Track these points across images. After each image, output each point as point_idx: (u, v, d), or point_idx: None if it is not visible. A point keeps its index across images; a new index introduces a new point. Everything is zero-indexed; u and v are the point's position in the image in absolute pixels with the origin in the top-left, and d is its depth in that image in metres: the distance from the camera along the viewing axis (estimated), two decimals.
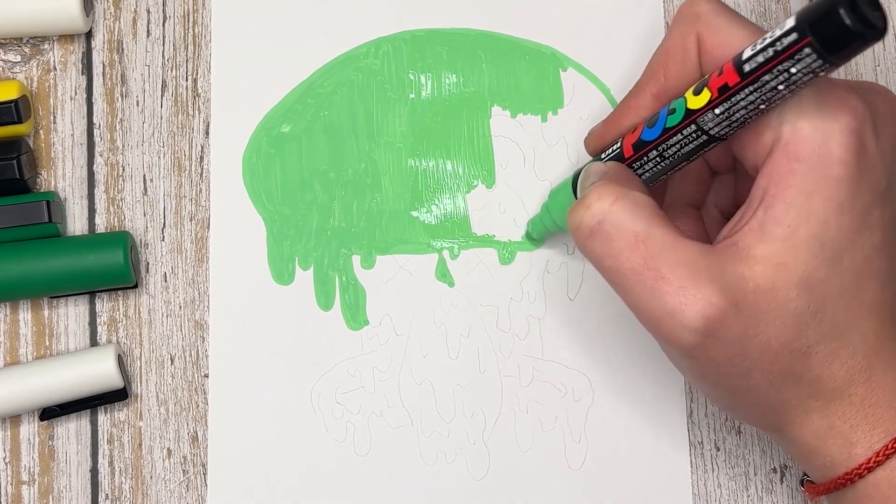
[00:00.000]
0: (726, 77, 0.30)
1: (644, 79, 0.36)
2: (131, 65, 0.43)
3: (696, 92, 0.32)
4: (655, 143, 0.34)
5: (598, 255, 0.32)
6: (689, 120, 0.32)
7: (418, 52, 0.43)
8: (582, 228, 0.33)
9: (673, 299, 0.31)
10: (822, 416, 0.32)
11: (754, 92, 0.30)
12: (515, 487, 0.41)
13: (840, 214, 0.31)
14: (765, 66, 0.29)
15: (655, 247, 0.31)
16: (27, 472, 0.41)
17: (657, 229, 0.31)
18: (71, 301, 0.42)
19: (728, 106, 0.31)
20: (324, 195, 0.42)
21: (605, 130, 0.37)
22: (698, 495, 0.41)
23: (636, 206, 0.32)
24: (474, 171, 0.43)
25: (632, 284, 0.31)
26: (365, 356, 0.42)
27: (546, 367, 0.42)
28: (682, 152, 0.33)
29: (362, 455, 0.41)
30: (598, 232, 0.32)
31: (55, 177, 0.42)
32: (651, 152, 0.34)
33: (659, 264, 0.31)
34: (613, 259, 0.32)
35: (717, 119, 0.31)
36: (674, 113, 0.33)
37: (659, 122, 0.33)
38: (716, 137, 0.32)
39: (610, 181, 0.33)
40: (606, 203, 0.32)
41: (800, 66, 0.28)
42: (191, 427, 0.41)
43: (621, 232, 0.32)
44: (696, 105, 0.32)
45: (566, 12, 0.43)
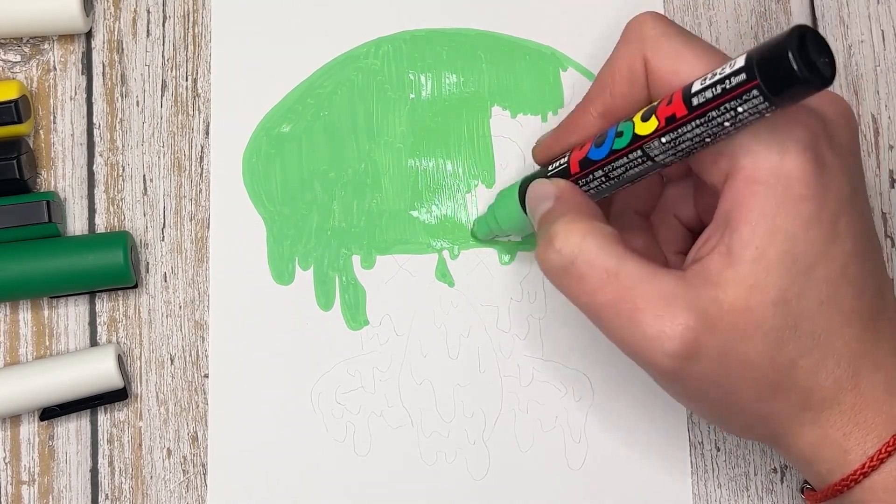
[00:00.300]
0: (674, 108, 0.31)
1: (591, 96, 0.36)
2: (131, 65, 0.43)
3: (645, 118, 0.32)
4: (601, 163, 0.34)
5: (573, 294, 0.33)
6: (635, 145, 0.32)
7: (418, 52, 0.43)
8: (553, 269, 0.33)
9: (650, 328, 0.31)
10: (814, 426, 0.33)
11: (701, 126, 0.30)
12: (515, 487, 0.41)
13: (807, 229, 0.31)
14: (712, 103, 0.29)
15: (628, 280, 0.32)
16: (27, 472, 0.41)
17: (628, 263, 0.32)
18: (71, 301, 0.42)
19: (674, 136, 0.31)
20: (324, 195, 0.42)
21: (553, 143, 0.37)
22: (698, 495, 0.41)
23: (604, 241, 0.32)
24: (474, 171, 0.43)
25: (609, 318, 0.32)
26: (365, 356, 0.42)
27: (546, 367, 0.42)
28: (626, 174, 0.33)
29: (362, 455, 0.41)
30: (570, 271, 0.33)
31: (55, 177, 0.42)
32: (597, 171, 0.34)
33: (633, 297, 0.31)
34: (588, 296, 0.32)
35: (663, 147, 0.31)
36: (621, 136, 0.33)
37: (606, 142, 0.33)
38: (660, 164, 0.32)
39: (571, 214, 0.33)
40: (575, 241, 0.32)
41: (746, 105, 0.28)
42: (191, 427, 0.41)
43: (593, 270, 0.32)
44: (643, 131, 0.32)
45: (566, 12, 0.43)
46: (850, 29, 0.44)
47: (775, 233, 0.31)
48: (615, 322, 0.32)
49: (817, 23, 0.44)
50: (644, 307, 0.31)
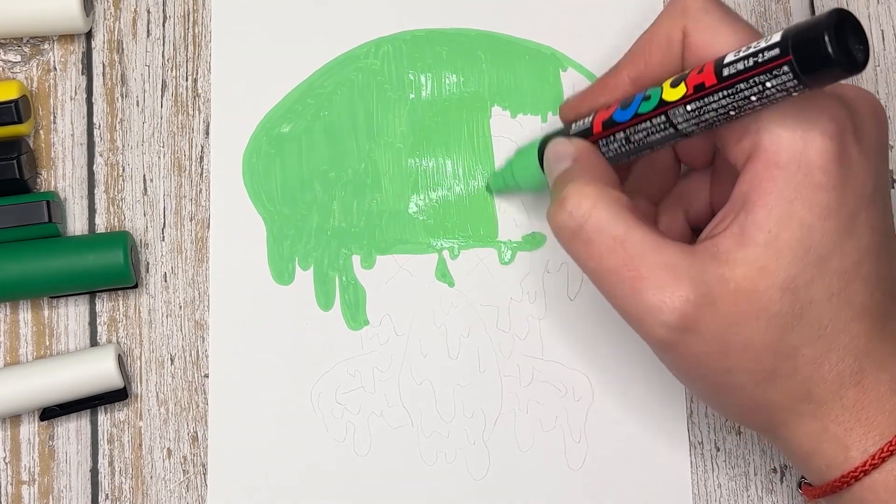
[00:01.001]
0: (705, 76, 0.31)
1: (624, 61, 0.36)
2: (131, 65, 0.43)
3: (674, 84, 0.32)
4: (624, 125, 0.34)
5: (580, 257, 0.33)
6: (660, 110, 0.32)
7: (418, 52, 0.43)
8: (564, 231, 0.33)
9: (651, 297, 0.31)
10: (814, 418, 0.33)
11: (727, 97, 0.30)
12: (515, 487, 0.41)
13: (825, 219, 0.31)
14: (742, 75, 0.29)
15: (634, 248, 0.32)
16: (27, 472, 0.41)
17: (636, 231, 0.32)
18: (71, 301, 0.42)
19: (699, 105, 0.31)
20: (324, 195, 0.42)
21: (580, 103, 0.37)
22: (698, 495, 0.41)
23: (615, 208, 0.33)
24: (474, 171, 0.43)
25: (612, 285, 0.32)
26: (365, 356, 0.42)
27: (546, 367, 0.42)
28: (647, 140, 0.34)
29: (362, 455, 0.41)
30: (579, 235, 0.33)
31: (55, 177, 0.42)
32: (618, 133, 0.34)
33: (638, 265, 0.32)
34: (595, 261, 0.33)
35: (686, 115, 0.32)
36: (648, 100, 0.33)
37: (632, 105, 0.34)
38: (682, 133, 0.33)
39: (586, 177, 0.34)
40: (586, 206, 0.33)
41: (775, 82, 0.29)
42: (191, 427, 0.41)
43: (602, 235, 0.32)
44: (670, 97, 0.32)
45: (566, 12, 0.43)
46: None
47: (790, 219, 0.31)
48: (618, 289, 0.32)
49: None
50: (647, 276, 0.31)
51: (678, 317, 0.31)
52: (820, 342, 0.32)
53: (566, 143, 0.36)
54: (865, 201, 0.32)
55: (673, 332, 0.31)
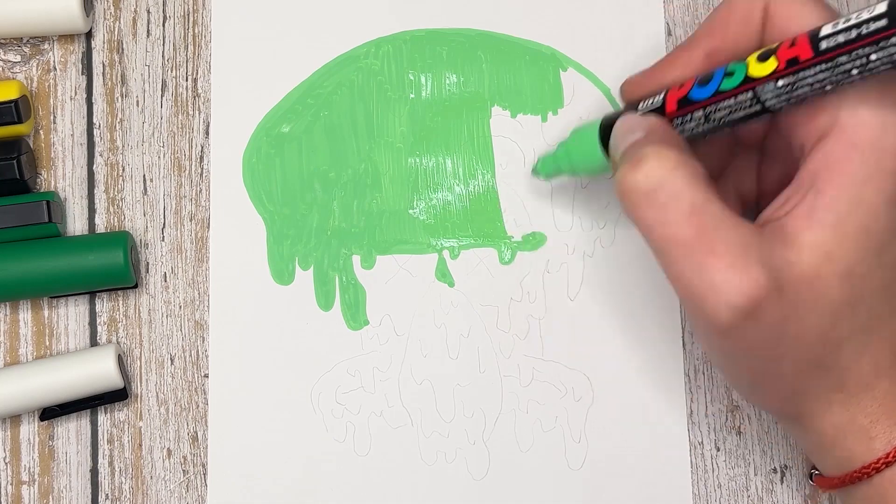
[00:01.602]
0: (798, 50, 0.30)
1: (700, 34, 0.34)
2: (131, 65, 0.43)
3: (762, 59, 0.31)
4: (704, 103, 0.32)
5: (649, 223, 0.31)
6: (747, 86, 0.31)
7: (418, 52, 0.43)
8: (636, 192, 0.31)
9: (720, 275, 0.30)
10: (843, 408, 0.32)
11: (825, 71, 0.29)
12: (515, 487, 0.41)
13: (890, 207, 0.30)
14: (844, 48, 0.28)
15: (710, 221, 0.30)
16: (27, 472, 0.41)
17: (713, 203, 0.30)
18: (71, 301, 0.42)
19: (793, 80, 0.30)
20: (324, 195, 0.42)
21: (647, 79, 0.36)
22: (698, 495, 0.41)
23: (695, 176, 0.31)
24: (474, 171, 0.43)
25: (680, 255, 0.30)
26: (365, 356, 0.42)
27: (546, 367, 0.42)
28: (729, 118, 0.32)
29: (362, 455, 0.41)
30: (653, 199, 0.31)
31: (55, 177, 0.42)
32: (696, 112, 0.33)
33: (712, 238, 0.30)
34: (666, 227, 0.31)
35: (777, 91, 0.30)
36: (731, 76, 0.32)
37: (713, 82, 0.32)
38: (769, 109, 0.31)
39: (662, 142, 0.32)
40: (666, 169, 0.31)
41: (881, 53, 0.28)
42: (191, 427, 0.41)
43: (678, 201, 0.30)
44: (758, 73, 0.31)
45: (566, 12, 0.43)
46: None
47: (860, 203, 0.30)
48: (685, 261, 0.30)
49: None
50: (720, 252, 0.30)
51: (746, 301, 0.30)
52: (864, 334, 0.31)
53: (638, 118, 0.34)
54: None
55: (737, 316, 0.30)
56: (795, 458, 0.42)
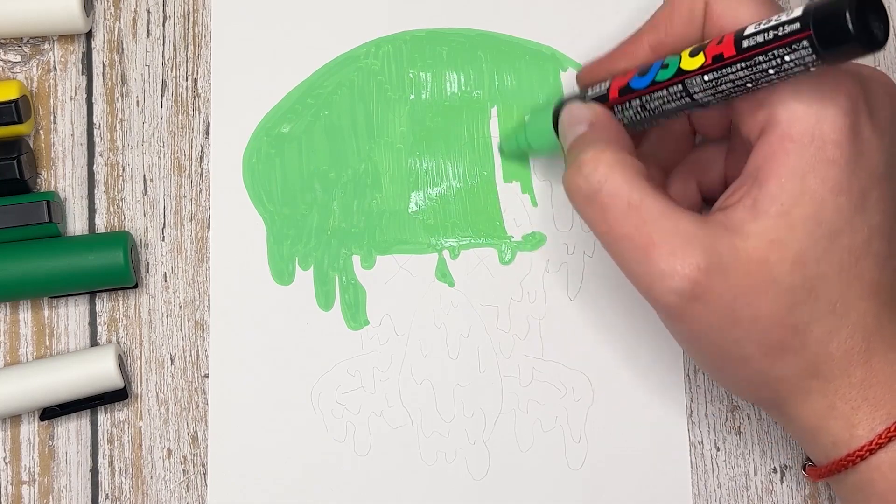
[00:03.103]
0: (724, 47, 0.31)
1: (645, 28, 0.36)
2: (131, 65, 0.43)
3: (693, 54, 0.32)
4: (640, 92, 0.34)
5: (593, 221, 0.33)
6: (677, 79, 0.33)
7: (418, 52, 0.43)
8: (578, 194, 0.34)
9: (663, 263, 0.31)
10: (822, 395, 0.33)
11: (745, 69, 0.30)
12: (515, 487, 0.41)
13: (837, 195, 0.31)
14: (761, 48, 0.29)
15: (648, 214, 0.32)
16: (27, 472, 0.41)
17: (651, 198, 0.32)
18: (71, 301, 0.42)
19: (717, 76, 0.31)
20: (324, 195, 0.42)
21: (598, 67, 0.37)
22: (698, 495, 0.41)
23: (631, 174, 0.33)
24: (474, 171, 0.43)
25: (624, 250, 0.33)
26: (365, 356, 0.42)
27: (546, 367, 0.42)
28: (662, 108, 0.34)
29: (362, 455, 0.41)
30: (594, 199, 0.33)
31: (55, 177, 0.42)
32: (634, 101, 0.34)
33: (651, 231, 0.32)
34: (608, 226, 0.33)
35: (703, 85, 0.32)
36: (666, 68, 0.33)
37: (650, 73, 0.34)
38: (698, 102, 0.33)
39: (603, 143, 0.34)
40: (603, 171, 0.33)
41: (794, 56, 0.29)
42: (191, 427, 0.41)
43: (616, 200, 0.33)
44: (688, 66, 0.32)
45: (566, 12, 0.43)
46: None
47: (803, 193, 0.31)
48: (630, 254, 0.32)
49: None
50: (660, 242, 0.32)
51: (689, 283, 0.31)
52: (829, 318, 0.32)
53: (582, 108, 0.36)
54: (877, 180, 0.32)
55: (683, 300, 0.32)
56: (795, 458, 0.42)
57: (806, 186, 0.31)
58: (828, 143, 0.31)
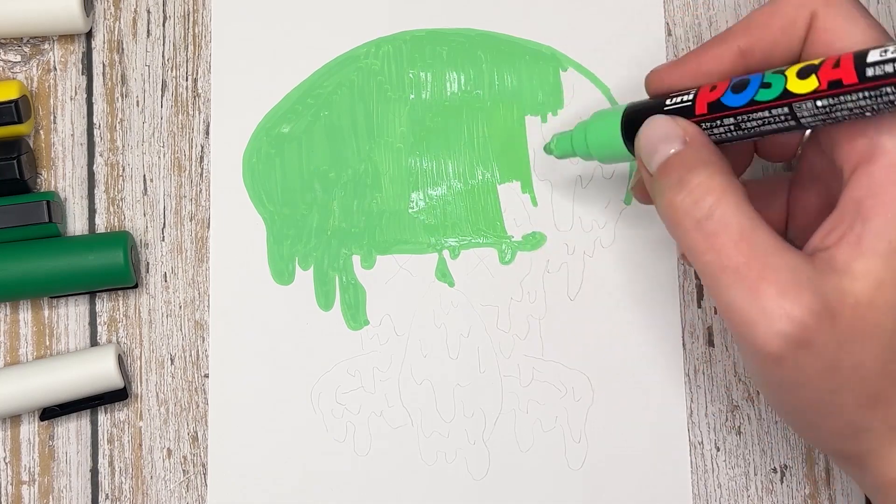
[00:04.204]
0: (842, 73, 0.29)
1: (737, 29, 0.33)
2: (131, 65, 0.43)
3: (801, 75, 0.30)
4: (737, 111, 0.32)
5: (699, 249, 0.31)
6: (784, 101, 0.30)
7: (418, 52, 0.43)
8: (686, 220, 0.31)
9: (771, 302, 0.29)
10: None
11: (868, 98, 0.28)
12: (515, 487, 0.41)
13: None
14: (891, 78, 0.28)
15: (760, 247, 0.30)
16: (27, 472, 0.41)
17: (763, 229, 0.30)
18: (71, 301, 0.42)
19: (833, 102, 0.29)
20: (324, 195, 0.42)
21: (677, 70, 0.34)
22: (698, 495, 0.41)
23: (742, 200, 0.30)
24: (474, 171, 0.43)
25: (728, 283, 0.30)
26: (365, 356, 0.42)
27: (546, 367, 0.42)
28: (761, 129, 0.31)
29: (362, 455, 0.41)
30: (703, 226, 0.30)
31: (55, 177, 0.42)
32: (727, 119, 0.32)
33: (762, 265, 0.29)
34: (714, 254, 0.30)
35: (815, 111, 0.30)
36: (768, 87, 0.31)
37: (747, 91, 0.31)
38: (803, 126, 0.31)
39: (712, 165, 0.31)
40: (715, 196, 0.30)
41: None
42: (191, 427, 0.41)
43: (728, 229, 0.30)
44: (797, 89, 0.30)
45: (566, 12, 0.43)
46: None
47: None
48: (734, 287, 0.30)
49: None
50: (771, 279, 0.29)
51: (798, 328, 0.29)
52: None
53: (671, 123, 0.33)
54: None
55: (787, 344, 0.29)
56: (795, 458, 0.42)
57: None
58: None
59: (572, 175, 0.42)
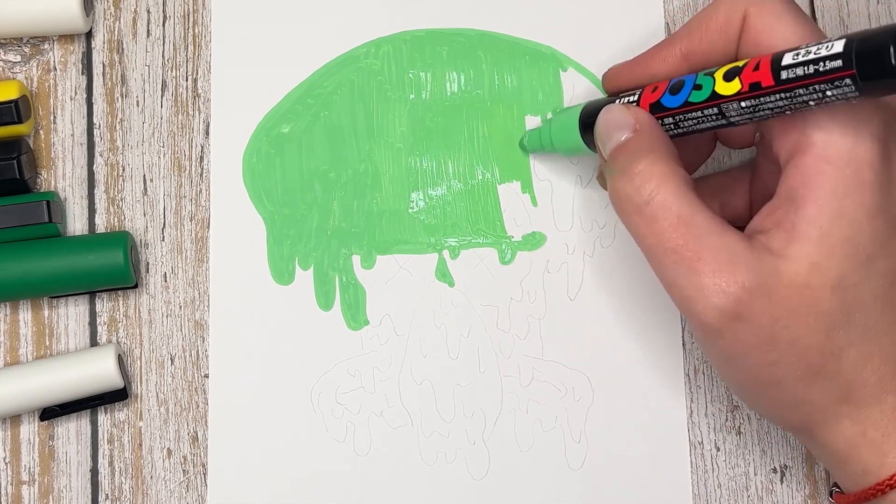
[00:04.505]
0: (761, 76, 0.30)
1: (680, 34, 0.35)
2: (131, 65, 0.43)
3: (727, 78, 0.32)
4: (674, 111, 0.34)
5: (641, 233, 0.33)
6: (713, 102, 0.32)
7: (418, 52, 0.43)
8: (628, 205, 0.33)
9: (707, 279, 0.31)
10: (853, 422, 0.32)
11: (784, 99, 0.30)
12: (515, 487, 0.41)
13: (872, 219, 0.31)
14: (802, 80, 0.29)
15: (698, 230, 0.32)
16: (27, 472, 0.41)
17: (701, 212, 0.32)
18: (71, 301, 0.42)
19: (755, 103, 0.31)
20: (324, 195, 0.42)
21: (627, 70, 0.37)
22: (698, 495, 0.41)
23: (682, 186, 0.33)
24: (474, 171, 0.43)
25: (669, 263, 0.32)
26: (365, 356, 0.42)
27: (546, 367, 0.42)
28: (697, 127, 0.34)
29: (362, 455, 0.41)
30: (643, 211, 0.33)
31: (55, 177, 0.42)
32: (667, 118, 0.34)
33: (700, 247, 0.31)
34: (655, 238, 0.32)
35: (740, 110, 0.32)
36: (699, 89, 0.33)
37: (682, 92, 0.33)
38: (734, 124, 0.32)
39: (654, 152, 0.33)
40: (655, 183, 0.33)
41: (836, 91, 0.29)
42: (191, 427, 0.41)
43: (667, 213, 0.32)
44: (724, 91, 0.32)
45: (566, 12, 0.43)
46: (850, 29, 0.44)
47: (841, 216, 0.30)
48: (675, 268, 0.32)
49: (817, 22, 0.44)
50: (707, 258, 0.31)
51: (732, 302, 0.31)
52: (864, 344, 0.32)
53: (624, 111, 0.35)
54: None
55: (725, 317, 0.31)
56: (795, 458, 0.42)
57: (844, 210, 0.30)
58: (863, 166, 0.30)
59: (572, 175, 0.42)
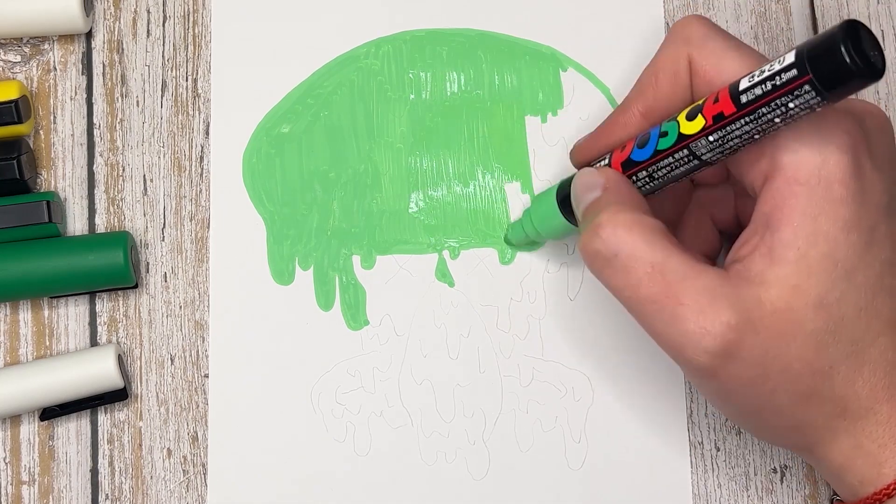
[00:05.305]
0: (722, 106, 0.31)
1: (632, 95, 0.36)
2: (131, 65, 0.43)
3: (690, 117, 0.32)
4: (645, 163, 0.34)
5: (615, 286, 0.32)
6: (681, 144, 0.32)
7: (418, 52, 0.43)
8: (597, 259, 0.33)
9: (692, 324, 0.31)
10: (849, 435, 0.32)
11: (750, 123, 0.30)
12: (515, 487, 0.41)
13: (848, 233, 0.31)
14: (762, 99, 0.29)
15: (673, 275, 0.31)
16: (27, 472, 0.41)
17: (673, 258, 0.32)
18: (71, 301, 0.42)
19: (722, 134, 0.31)
20: (324, 195, 0.42)
21: (592, 143, 0.37)
22: (698, 495, 0.41)
23: (650, 235, 0.32)
24: (474, 171, 0.43)
25: (650, 313, 0.32)
26: (365, 356, 0.42)
27: (546, 367, 0.42)
28: (672, 174, 0.33)
29: (362, 455, 0.41)
30: (614, 263, 0.32)
31: (55, 177, 0.42)
32: (640, 172, 0.34)
33: (677, 292, 0.31)
34: (631, 290, 0.32)
35: (710, 146, 0.32)
36: (666, 136, 0.33)
37: (650, 143, 0.33)
38: (708, 162, 0.32)
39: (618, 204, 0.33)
40: (621, 234, 0.32)
41: (798, 101, 0.29)
42: (191, 427, 0.41)
43: (639, 263, 0.32)
44: (689, 130, 0.32)
45: (566, 12, 0.43)
46: None
47: (817, 234, 0.30)
48: (656, 317, 0.31)
49: (817, 23, 0.44)
50: (687, 303, 0.31)
51: (721, 343, 0.31)
52: (853, 358, 0.31)
53: (593, 173, 0.35)
54: (882, 213, 0.31)
55: (716, 359, 0.31)
56: (795, 458, 0.42)
57: (819, 228, 0.30)
58: (834, 182, 0.30)
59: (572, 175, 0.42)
